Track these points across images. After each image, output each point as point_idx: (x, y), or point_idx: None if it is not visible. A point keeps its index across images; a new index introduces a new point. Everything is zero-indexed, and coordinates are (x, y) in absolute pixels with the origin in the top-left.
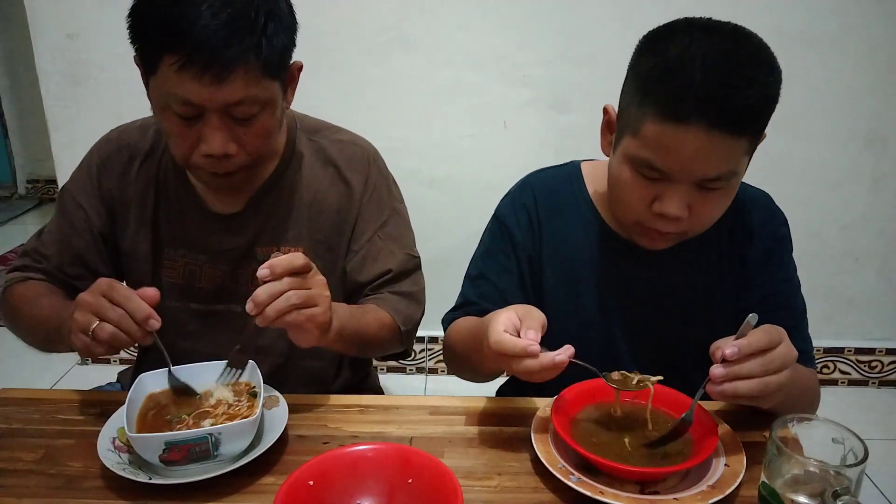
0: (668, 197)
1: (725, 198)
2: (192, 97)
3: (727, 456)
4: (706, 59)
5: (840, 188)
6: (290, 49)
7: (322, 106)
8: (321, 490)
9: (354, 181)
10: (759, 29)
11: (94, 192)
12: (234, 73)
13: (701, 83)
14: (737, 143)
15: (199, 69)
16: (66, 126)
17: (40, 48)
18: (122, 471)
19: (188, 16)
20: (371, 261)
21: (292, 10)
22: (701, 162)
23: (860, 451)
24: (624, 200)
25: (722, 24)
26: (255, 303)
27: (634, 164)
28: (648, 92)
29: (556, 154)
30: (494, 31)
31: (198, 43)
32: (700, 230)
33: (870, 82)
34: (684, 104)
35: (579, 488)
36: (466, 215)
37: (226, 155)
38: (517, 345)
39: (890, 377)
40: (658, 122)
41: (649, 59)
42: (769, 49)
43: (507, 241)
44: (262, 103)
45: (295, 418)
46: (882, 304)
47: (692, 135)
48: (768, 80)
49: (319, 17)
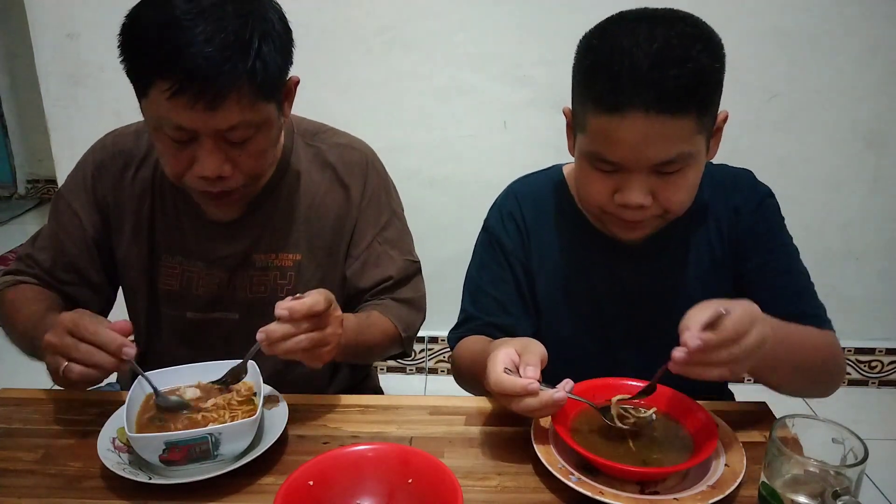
0: (627, 187)
1: (689, 178)
2: (185, 123)
3: (727, 456)
4: (635, 46)
5: (840, 188)
6: (286, 68)
7: (322, 106)
8: (321, 490)
9: (353, 186)
10: (760, 29)
11: (89, 198)
12: (228, 99)
13: (630, 69)
14: (682, 123)
15: (191, 97)
16: (66, 126)
17: (40, 48)
18: (122, 471)
19: (180, 41)
20: (371, 266)
21: (288, 28)
22: (647, 148)
23: (860, 451)
24: (589, 196)
25: (655, 10)
26: (268, 338)
27: (589, 160)
28: (586, 88)
29: (556, 154)
30: (494, 31)
31: (190, 70)
32: (676, 212)
33: (870, 82)
34: (617, 93)
35: (579, 488)
36: (466, 215)
37: (220, 177)
38: (516, 384)
39: (890, 377)
40: (598, 115)
41: (585, 56)
42: (705, 26)
43: (498, 252)
44: (257, 126)
45: (295, 418)
46: (882, 304)
47: (631, 122)
48: (701, 56)
49: (319, 17)
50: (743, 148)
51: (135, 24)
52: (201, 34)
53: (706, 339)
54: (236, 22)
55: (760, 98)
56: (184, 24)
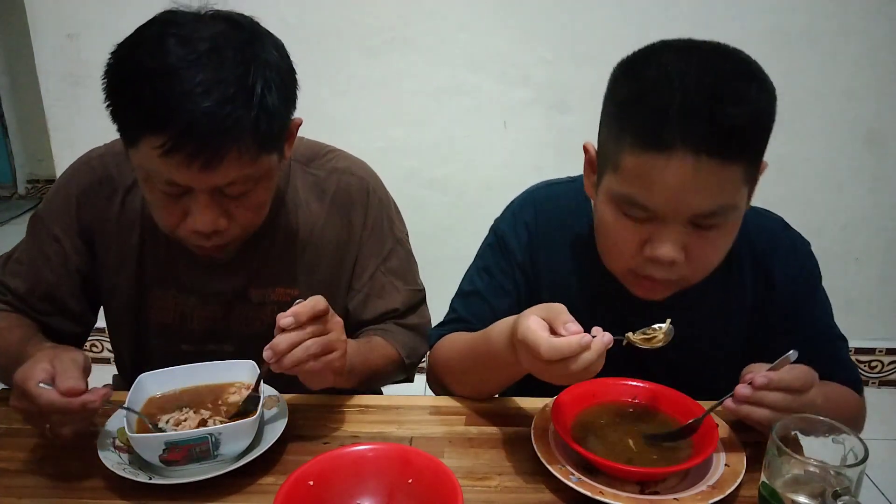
0: (660, 239)
1: (726, 236)
2: (179, 180)
3: (727, 456)
4: (686, 78)
5: (840, 188)
6: (290, 114)
7: (322, 106)
8: (321, 490)
9: (353, 216)
10: (760, 29)
11: (72, 223)
12: (228, 157)
13: (681, 103)
14: (730, 171)
15: (187, 155)
16: (66, 126)
17: (40, 48)
18: (122, 471)
19: (175, 92)
20: (375, 298)
21: (291, 67)
22: (690, 195)
23: (860, 451)
24: (612, 246)
25: (702, 42)
26: (273, 351)
27: (618, 204)
28: (625, 120)
29: (556, 154)
30: (494, 31)
31: (186, 127)
32: (700, 276)
33: (870, 82)
34: (665, 128)
35: (579, 488)
36: (466, 215)
37: (215, 231)
38: (572, 343)
39: (890, 377)
40: (638, 152)
41: (624, 84)
42: (757, 65)
43: (506, 260)
44: (257, 179)
45: (295, 418)
46: (882, 304)
47: (677, 163)
48: (759, 95)
49: (319, 17)
50: None
51: (122, 68)
52: (199, 85)
53: (772, 378)
54: (237, 69)
55: None
56: (179, 72)
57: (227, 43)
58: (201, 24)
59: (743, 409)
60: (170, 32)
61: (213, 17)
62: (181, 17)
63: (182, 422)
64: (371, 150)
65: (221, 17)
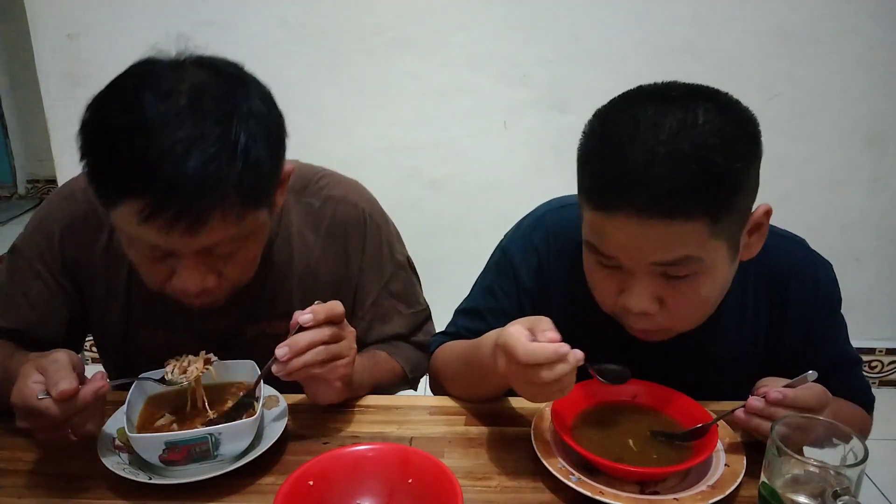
0: (631, 289)
1: (703, 288)
2: (161, 244)
3: (727, 456)
4: (633, 135)
5: (840, 188)
6: (280, 165)
7: (322, 106)
8: (321, 490)
9: (350, 246)
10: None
11: (56, 260)
12: (212, 219)
13: (624, 166)
14: (686, 228)
15: (168, 220)
16: (66, 126)
17: (40, 48)
18: (122, 471)
19: (152, 152)
20: (379, 323)
21: (278, 114)
22: (642, 249)
23: (860, 451)
24: (595, 291)
25: (679, 87)
26: (291, 349)
27: (589, 251)
28: (582, 177)
29: (556, 154)
30: (494, 31)
31: (165, 190)
32: (685, 325)
33: (870, 82)
34: (606, 191)
35: (579, 488)
36: (466, 215)
37: (204, 290)
38: (548, 349)
39: (890, 377)
40: (590, 209)
41: (586, 140)
42: (736, 113)
43: (512, 283)
44: (246, 236)
45: (295, 418)
46: (882, 304)
47: (621, 222)
48: (716, 153)
49: (319, 17)
50: None
51: (97, 125)
52: (179, 143)
53: (787, 395)
54: (219, 123)
55: (760, 98)
56: (157, 129)
57: (207, 95)
58: (181, 74)
59: (753, 421)
60: (147, 85)
61: (195, 63)
62: (159, 67)
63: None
64: (371, 150)
65: (203, 65)
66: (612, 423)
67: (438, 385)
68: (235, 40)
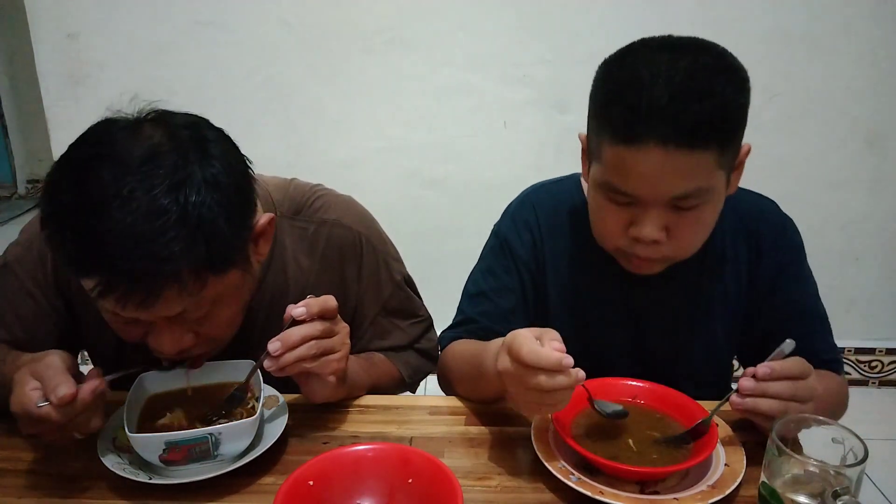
0: (642, 221)
1: (706, 216)
2: (122, 313)
3: (727, 456)
4: (655, 76)
5: (840, 188)
6: (245, 227)
7: (322, 106)
8: (321, 490)
9: (347, 271)
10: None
11: (48, 280)
12: (164, 295)
13: (649, 100)
14: (701, 158)
15: (119, 297)
16: (66, 126)
17: (40, 48)
18: (122, 471)
19: (98, 232)
20: (378, 339)
21: (243, 174)
22: (664, 181)
23: (860, 451)
24: (601, 228)
25: (679, 39)
26: (283, 343)
27: (604, 190)
28: (602, 117)
29: (556, 154)
30: (494, 31)
31: (114, 271)
32: (686, 253)
33: (870, 82)
34: (635, 124)
35: (579, 488)
36: (466, 215)
37: (181, 350)
38: (552, 356)
39: (890, 377)
40: (614, 145)
41: (603, 84)
42: (731, 58)
43: (509, 259)
44: (214, 300)
45: (295, 418)
46: (882, 304)
47: (648, 154)
48: (726, 89)
49: (319, 17)
50: None
51: (49, 199)
52: (125, 223)
53: (773, 367)
54: (169, 196)
55: (760, 98)
56: (104, 209)
57: (159, 164)
58: (135, 140)
59: (748, 401)
60: (98, 157)
61: (153, 121)
62: (115, 131)
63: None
64: (371, 150)
65: (161, 124)
66: (613, 423)
67: (447, 383)
68: (235, 40)
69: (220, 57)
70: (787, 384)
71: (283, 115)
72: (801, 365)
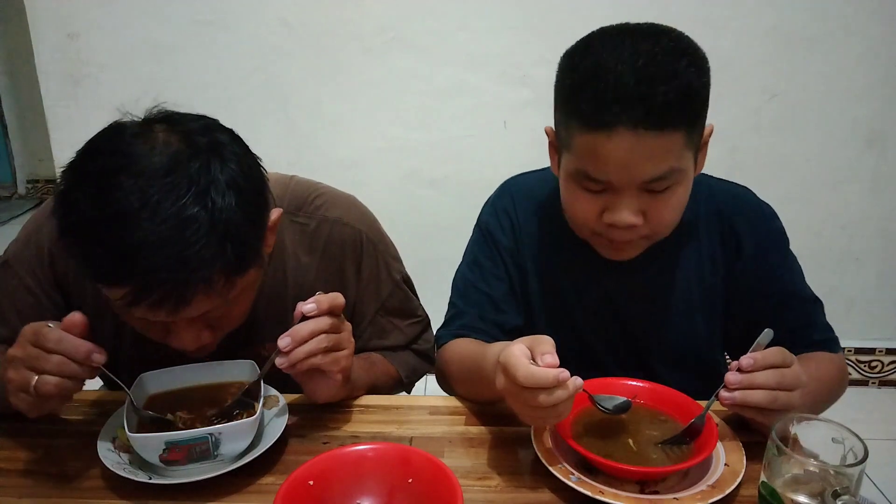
0: (616, 206)
1: (678, 196)
2: (147, 317)
3: (727, 456)
4: (620, 62)
5: (840, 188)
6: (263, 227)
7: (322, 106)
8: (321, 490)
9: (346, 269)
10: (760, 29)
11: (47, 276)
12: (196, 298)
13: (616, 86)
14: (671, 139)
15: (150, 304)
16: (66, 126)
17: (40, 48)
18: (122, 471)
19: (128, 244)
20: (376, 339)
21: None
22: (636, 165)
23: (860, 451)
24: (576, 216)
25: (637, 25)
26: (293, 339)
27: (576, 179)
28: (570, 107)
29: None
30: (494, 31)
31: (145, 281)
32: (663, 232)
33: (870, 82)
34: (604, 110)
35: (579, 488)
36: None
37: (200, 346)
38: (549, 375)
39: (890, 377)
40: (584, 133)
41: (568, 74)
42: (689, 40)
43: (492, 248)
44: (235, 298)
45: (295, 418)
46: (882, 304)
47: (619, 139)
48: (689, 70)
49: (319, 17)
50: (743, 148)
51: (70, 211)
52: (154, 232)
53: (756, 357)
54: (196, 204)
55: (760, 98)
56: (131, 220)
57: (181, 172)
58: (153, 149)
59: (737, 395)
60: (117, 168)
61: (166, 127)
62: (128, 138)
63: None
64: (371, 150)
65: (175, 129)
66: (612, 423)
67: (446, 383)
68: (235, 40)
69: (220, 57)
70: (772, 373)
71: (283, 115)
72: (781, 354)
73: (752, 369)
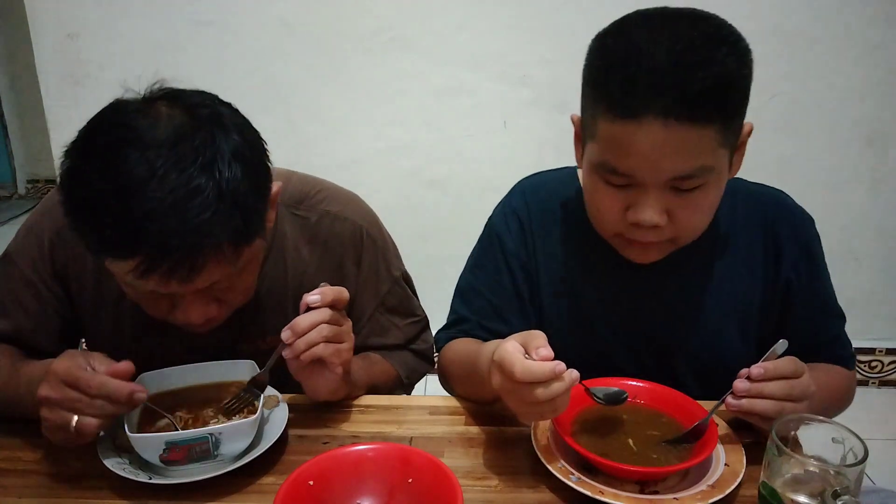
0: (641, 204)
1: (708, 199)
2: (158, 290)
3: (727, 456)
4: (654, 46)
5: (840, 188)
6: (267, 194)
7: (322, 106)
8: (321, 490)
9: (346, 263)
10: (760, 28)
11: (47, 268)
12: (207, 267)
13: (648, 71)
14: (703, 134)
15: (162, 274)
16: (66, 126)
17: (40, 48)
18: (122, 471)
19: (138, 215)
20: (375, 336)
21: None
22: (664, 159)
23: (860, 451)
24: (598, 213)
25: (677, 10)
26: (293, 331)
27: (599, 172)
28: (598, 91)
29: (557, 154)
30: (494, 31)
31: (157, 251)
32: (689, 237)
33: (870, 82)
34: (633, 96)
35: (579, 488)
36: (466, 215)
37: (207, 320)
38: (545, 368)
39: (890, 377)
40: (610, 120)
41: (598, 57)
42: (732, 28)
43: (497, 252)
44: (243, 267)
45: (295, 418)
46: (882, 304)
47: (647, 129)
48: (728, 59)
49: (319, 17)
50: None
51: (77, 186)
52: (164, 201)
53: (767, 367)
54: (203, 174)
55: (760, 98)
56: (140, 190)
57: (187, 144)
58: (157, 122)
59: (744, 403)
60: (123, 141)
61: (168, 103)
62: (130, 113)
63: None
64: (371, 150)
65: (178, 106)
66: (612, 423)
67: (447, 384)
68: (235, 40)
69: (220, 57)
70: (782, 384)
71: (283, 115)
72: (794, 364)
73: (763, 379)
